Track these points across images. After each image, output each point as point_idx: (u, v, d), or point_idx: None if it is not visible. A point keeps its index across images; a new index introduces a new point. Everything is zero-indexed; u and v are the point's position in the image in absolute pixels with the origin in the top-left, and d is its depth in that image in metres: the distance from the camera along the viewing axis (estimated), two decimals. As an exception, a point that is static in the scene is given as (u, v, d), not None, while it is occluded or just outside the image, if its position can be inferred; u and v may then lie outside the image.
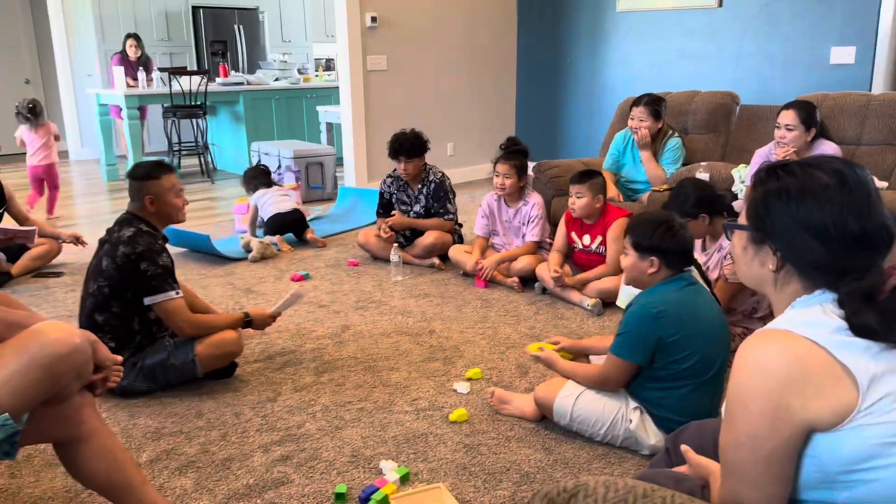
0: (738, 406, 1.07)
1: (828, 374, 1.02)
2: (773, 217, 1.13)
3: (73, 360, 1.48)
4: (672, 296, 2.05)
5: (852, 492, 1.03)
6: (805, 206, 1.09)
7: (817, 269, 1.10)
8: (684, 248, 2.10)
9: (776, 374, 1.02)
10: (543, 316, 3.34)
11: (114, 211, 5.72)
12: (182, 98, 6.79)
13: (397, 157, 4.02)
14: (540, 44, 6.74)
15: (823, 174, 1.10)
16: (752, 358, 1.06)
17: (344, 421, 2.37)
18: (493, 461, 2.13)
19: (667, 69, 5.82)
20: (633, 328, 2.05)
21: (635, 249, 2.13)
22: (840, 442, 1.01)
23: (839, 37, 4.91)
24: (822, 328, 1.04)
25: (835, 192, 1.08)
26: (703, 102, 4.39)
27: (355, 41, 5.73)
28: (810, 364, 1.02)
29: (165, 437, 2.27)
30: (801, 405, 1.01)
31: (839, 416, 1.01)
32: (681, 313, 2.01)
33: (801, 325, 1.06)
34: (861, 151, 3.73)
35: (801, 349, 1.03)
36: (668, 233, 2.08)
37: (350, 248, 4.54)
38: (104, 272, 2.47)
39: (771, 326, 1.09)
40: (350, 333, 3.13)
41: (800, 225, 1.10)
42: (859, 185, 1.09)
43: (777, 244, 1.13)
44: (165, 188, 2.56)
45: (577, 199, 3.49)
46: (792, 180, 1.12)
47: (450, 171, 6.46)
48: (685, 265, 2.12)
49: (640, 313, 2.04)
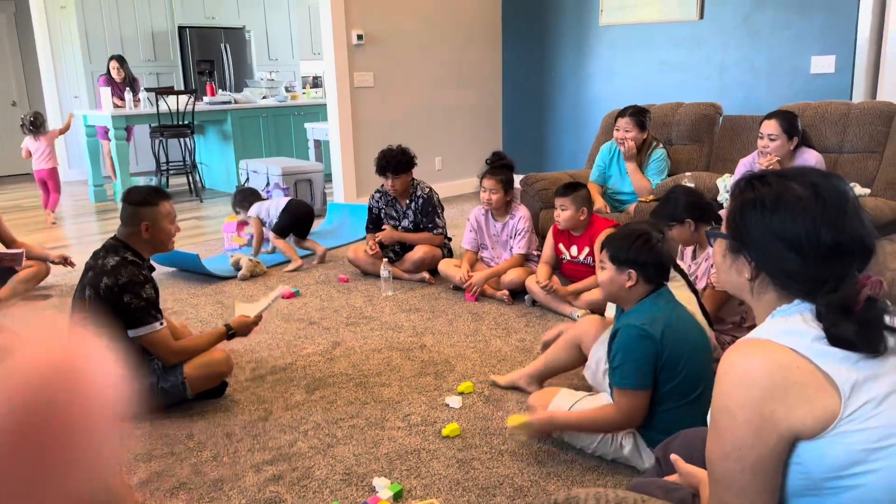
0: (723, 416, 1.08)
1: (810, 382, 1.03)
2: (748, 227, 1.15)
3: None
4: (658, 314, 2.03)
5: (838, 498, 1.04)
6: (779, 216, 1.11)
7: (791, 279, 1.12)
8: (661, 261, 2.09)
9: (759, 384, 1.04)
10: (534, 328, 3.35)
11: (102, 232, 5.71)
12: (169, 118, 6.80)
13: (384, 173, 4.04)
14: (525, 58, 6.80)
15: (798, 185, 1.12)
16: (734, 368, 1.07)
17: (336, 438, 2.37)
18: (487, 475, 2.13)
19: (650, 81, 5.89)
20: (630, 354, 1.99)
21: (612, 262, 2.11)
22: (825, 449, 1.03)
23: (819, 46, 4.99)
24: (802, 337, 1.06)
25: (808, 204, 1.10)
26: (687, 114, 4.44)
27: (342, 58, 5.77)
28: (792, 373, 1.03)
29: (156, 459, 2.26)
30: (784, 413, 1.03)
31: (823, 424, 1.02)
32: (669, 331, 1.99)
33: (781, 335, 1.07)
34: (843, 159, 3.78)
35: (783, 358, 1.05)
36: (646, 245, 2.07)
37: (340, 264, 4.54)
38: (87, 302, 2.45)
39: (752, 336, 1.11)
40: (341, 350, 3.13)
41: (774, 235, 1.11)
42: (834, 197, 1.10)
43: (752, 254, 1.15)
44: (162, 215, 2.55)
45: (561, 212, 3.52)
46: (767, 191, 1.14)
47: (438, 185, 6.49)
48: (663, 279, 2.11)
49: (632, 336, 1.99)
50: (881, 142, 3.71)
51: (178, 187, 7.67)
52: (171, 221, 2.59)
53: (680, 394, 2.01)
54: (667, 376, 1.99)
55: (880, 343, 1.04)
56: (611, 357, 2.06)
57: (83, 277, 2.52)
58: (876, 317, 1.06)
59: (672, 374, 1.99)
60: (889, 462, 1.02)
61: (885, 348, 1.05)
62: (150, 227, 2.52)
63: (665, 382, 2.00)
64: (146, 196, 2.54)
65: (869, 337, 1.04)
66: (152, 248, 2.58)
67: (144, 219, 2.51)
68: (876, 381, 1.04)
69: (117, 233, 2.56)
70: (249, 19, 9.63)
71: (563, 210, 3.51)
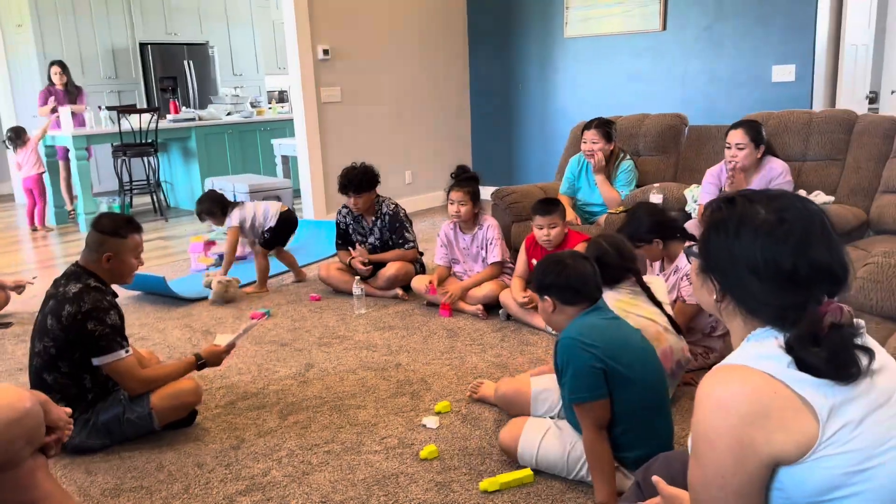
0: (704, 444, 1.07)
1: (788, 407, 1.02)
2: (711, 249, 1.15)
3: (25, 425, 1.42)
4: (583, 326, 2.01)
5: None
6: (740, 239, 1.11)
7: (755, 302, 1.11)
8: (566, 284, 2.06)
9: (737, 410, 1.03)
10: (509, 343, 3.33)
11: (64, 255, 5.56)
12: (132, 136, 6.68)
13: (346, 192, 4.00)
14: (492, 71, 6.82)
15: (763, 209, 1.11)
16: (712, 394, 1.06)
17: (311, 465, 2.31)
18: (466, 498, 2.10)
19: (616, 92, 5.95)
20: (570, 368, 1.95)
21: (534, 291, 2.16)
22: (805, 474, 1.02)
23: (779, 55, 5.09)
24: (778, 361, 1.05)
25: (771, 229, 1.09)
26: (653, 125, 4.48)
27: (308, 74, 5.72)
28: (770, 398, 1.03)
29: (125, 493, 2.19)
30: (764, 439, 1.02)
31: (802, 449, 1.01)
32: (598, 336, 1.96)
33: (757, 359, 1.06)
34: (806, 167, 3.84)
35: (760, 384, 1.04)
36: (553, 269, 2.08)
37: (311, 282, 4.48)
38: (50, 331, 2.36)
39: (728, 362, 1.10)
40: (314, 372, 3.08)
41: (735, 259, 1.11)
42: (799, 223, 1.09)
43: (716, 276, 1.16)
44: (129, 248, 2.47)
45: (550, 231, 3.42)
46: (731, 213, 1.13)
47: (408, 198, 6.49)
48: (578, 298, 2.07)
49: (572, 348, 1.95)
50: (843, 149, 3.78)
51: (142, 206, 7.53)
52: (136, 256, 2.52)
53: (645, 405, 1.98)
54: (623, 389, 1.95)
55: (852, 367, 1.03)
56: (559, 373, 2.02)
57: (44, 306, 2.43)
58: (844, 343, 1.05)
59: (628, 384, 1.95)
60: (869, 485, 1.02)
61: (859, 370, 1.04)
62: (113, 258, 2.45)
63: (625, 395, 1.96)
64: (117, 227, 2.45)
65: (839, 364, 1.03)
66: (111, 277, 2.50)
67: (108, 249, 2.44)
68: (852, 404, 1.03)
69: (80, 258, 2.48)
70: (212, 35, 9.53)
71: (552, 228, 3.42)
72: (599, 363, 1.92)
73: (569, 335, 1.98)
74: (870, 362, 1.05)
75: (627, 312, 2.41)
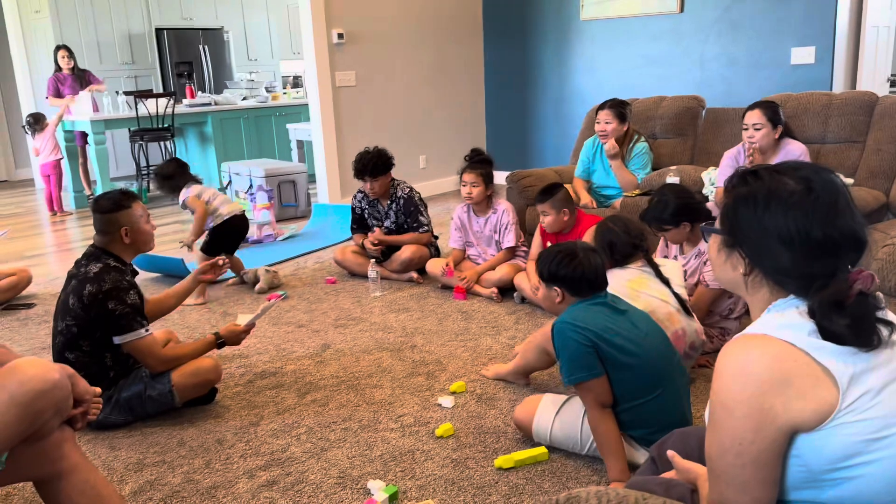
0: (722, 411, 1.08)
1: (808, 375, 1.03)
2: (741, 222, 1.15)
3: (53, 397, 1.45)
4: (576, 310, 2.04)
5: (837, 490, 1.05)
6: (770, 212, 1.11)
7: (784, 274, 1.12)
8: (584, 276, 2.07)
9: (757, 379, 1.04)
10: (524, 325, 3.35)
11: (84, 238, 5.64)
12: (149, 121, 6.72)
13: (361, 176, 4.02)
14: (507, 54, 6.79)
15: (790, 180, 1.12)
16: (732, 363, 1.07)
17: (329, 442, 2.35)
18: (482, 474, 2.12)
19: (633, 75, 5.90)
20: (565, 350, 1.99)
21: (541, 280, 2.16)
22: (823, 441, 1.03)
23: (799, 37, 5.03)
24: (799, 330, 1.06)
25: (800, 199, 1.10)
26: (670, 107, 4.45)
27: (323, 58, 5.73)
28: (790, 366, 1.04)
29: (148, 468, 2.23)
30: (783, 407, 1.03)
31: (821, 416, 1.02)
32: (590, 319, 1.99)
33: (778, 328, 1.07)
34: (826, 150, 3.81)
35: (781, 352, 1.05)
36: (567, 260, 2.08)
37: (327, 265, 4.52)
38: (71, 310, 2.41)
39: (749, 331, 1.11)
40: (331, 352, 3.11)
41: (766, 230, 1.12)
42: (826, 192, 1.10)
43: (745, 249, 1.16)
44: (138, 216, 2.52)
45: (543, 217, 3.51)
46: (759, 186, 1.14)
47: (423, 183, 6.49)
48: (591, 291, 2.09)
49: (563, 332, 1.99)
50: (863, 131, 3.74)
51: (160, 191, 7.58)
52: (147, 221, 2.57)
53: (650, 385, 1.99)
54: (625, 371, 1.97)
55: (873, 336, 1.05)
56: (557, 357, 2.06)
57: (66, 286, 2.48)
58: (867, 311, 1.06)
59: (629, 366, 1.97)
60: (888, 452, 1.03)
61: (880, 341, 1.05)
62: (130, 230, 2.49)
63: (626, 376, 1.98)
64: (118, 201, 2.49)
65: (861, 331, 1.04)
66: (135, 250, 2.54)
67: (122, 224, 2.48)
68: (872, 373, 1.04)
69: (95, 241, 2.52)
70: (227, 19, 9.54)
71: (544, 215, 3.50)
72: (588, 342, 1.96)
73: (561, 319, 2.03)
74: (890, 333, 1.06)
75: (638, 292, 2.42)
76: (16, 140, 9.07)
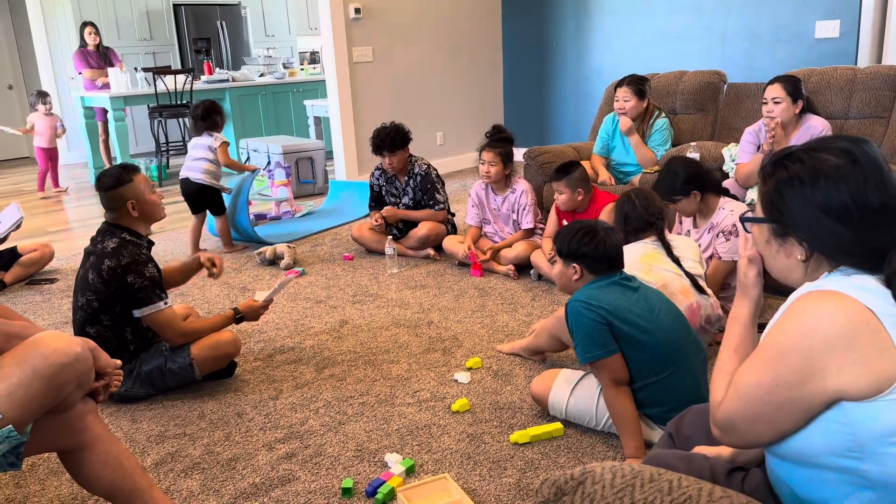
0: (774, 351, 1.06)
1: (875, 342, 1.00)
2: (790, 207, 1.11)
3: (75, 369, 1.48)
4: (590, 290, 2.04)
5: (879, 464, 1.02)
6: (820, 189, 1.07)
7: (846, 252, 1.08)
8: (605, 254, 2.07)
9: (825, 335, 1.01)
10: (540, 302, 3.35)
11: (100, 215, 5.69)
12: (168, 98, 6.75)
13: (380, 152, 4.01)
14: (525, 29, 6.71)
15: (831, 155, 1.09)
16: (805, 313, 1.04)
17: (347, 416, 2.38)
18: (497, 449, 2.14)
19: (653, 50, 5.82)
20: (579, 329, 1.99)
21: (559, 256, 2.15)
22: (877, 412, 1.00)
23: (824, 10, 4.92)
24: (876, 295, 1.03)
25: (848, 171, 1.07)
26: (691, 82, 4.39)
27: (340, 33, 5.70)
28: (861, 330, 1.01)
29: (169, 440, 2.28)
30: (837, 370, 1.00)
31: (878, 388, 1.00)
32: (603, 298, 1.99)
33: (854, 289, 1.04)
34: (849, 125, 3.74)
35: (855, 313, 1.01)
36: (587, 238, 2.07)
37: (344, 242, 4.54)
38: (91, 285, 2.44)
39: (823, 287, 1.06)
40: (348, 328, 3.14)
41: (819, 210, 1.08)
42: (870, 160, 1.07)
43: (801, 234, 1.11)
44: (142, 187, 2.52)
45: (558, 195, 3.50)
46: (801, 167, 1.10)
47: (440, 160, 6.48)
48: (611, 270, 2.09)
49: (577, 311, 2.00)
50: (888, 107, 3.67)
51: (179, 167, 7.61)
52: (152, 191, 2.57)
53: (664, 363, 1.99)
54: (638, 349, 1.98)
55: None
56: (572, 336, 2.06)
57: (84, 262, 2.51)
58: None
59: (643, 346, 1.97)
60: None
61: None
62: (136, 203, 2.50)
63: (640, 355, 1.98)
64: (119, 176, 2.49)
65: None
66: (145, 221, 2.56)
67: (128, 198, 2.49)
68: None
69: (106, 218, 2.54)
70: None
71: (559, 194, 3.49)
72: (602, 320, 1.96)
73: (575, 298, 2.03)
74: None
75: (652, 266, 2.41)
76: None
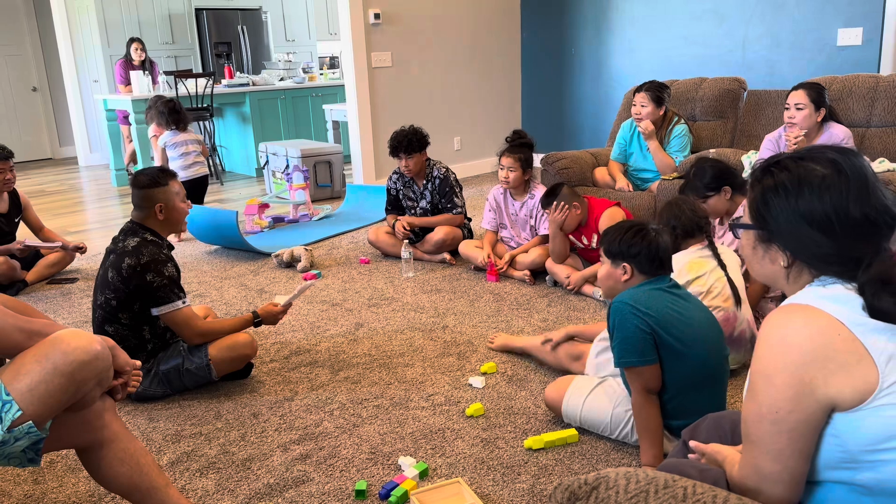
0: (762, 379, 1.07)
1: (850, 351, 1.02)
2: (774, 215, 1.13)
3: (95, 367, 1.50)
4: (638, 293, 1.98)
5: (875, 472, 1.03)
6: (804, 198, 1.09)
7: (827, 261, 1.10)
8: (656, 253, 2.02)
9: (800, 349, 1.03)
10: (556, 308, 3.34)
11: (125, 216, 5.76)
12: (189, 101, 6.82)
13: (397, 154, 4.03)
14: (544, 34, 6.71)
15: (817, 165, 1.10)
16: (776, 332, 1.06)
17: (361, 418, 2.39)
18: (511, 454, 2.14)
19: (673, 56, 5.79)
20: (620, 332, 1.94)
21: (607, 256, 2.09)
22: (862, 421, 1.02)
23: (846, 18, 4.88)
24: (844, 304, 1.05)
25: (832, 181, 1.08)
26: (710, 89, 4.37)
27: (359, 38, 5.73)
28: (833, 340, 1.02)
29: (185, 440, 2.30)
30: (823, 381, 1.02)
31: (861, 395, 1.01)
32: (652, 304, 1.93)
33: (824, 300, 1.06)
34: (871, 133, 3.70)
35: (825, 325, 1.04)
36: (638, 237, 2.03)
37: (361, 245, 4.55)
38: (110, 283, 2.48)
39: (793, 301, 1.09)
40: (364, 331, 3.15)
41: (801, 218, 1.10)
42: (855, 172, 1.09)
43: (784, 241, 1.13)
44: (174, 193, 2.57)
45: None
46: (787, 175, 1.12)
47: (457, 165, 6.49)
48: (660, 271, 2.05)
49: (623, 313, 1.94)
50: (911, 115, 3.62)
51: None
52: (183, 200, 2.62)
53: (693, 378, 1.95)
54: (673, 361, 1.93)
55: None
56: (610, 335, 2.02)
57: (105, 261, 2.55)
58: None
59: (679, 356, 1.92)
60: None
61: None
62: (164, 207, 2.55)
63: (674, 367, 1.93)
64: (155, 177, 2.55)
65: None
66: (168, 227, 2.60)
67: (158, 200, 2.54)
68: None
69: (132, 216, 2.59)
70: (266, 0, 9.59)
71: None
72: (648, 329, 1.90)
73: (622, 300, 1.97)
74: None
75: (699, 273, 2.41)
76: (60, 118, 9.28)
